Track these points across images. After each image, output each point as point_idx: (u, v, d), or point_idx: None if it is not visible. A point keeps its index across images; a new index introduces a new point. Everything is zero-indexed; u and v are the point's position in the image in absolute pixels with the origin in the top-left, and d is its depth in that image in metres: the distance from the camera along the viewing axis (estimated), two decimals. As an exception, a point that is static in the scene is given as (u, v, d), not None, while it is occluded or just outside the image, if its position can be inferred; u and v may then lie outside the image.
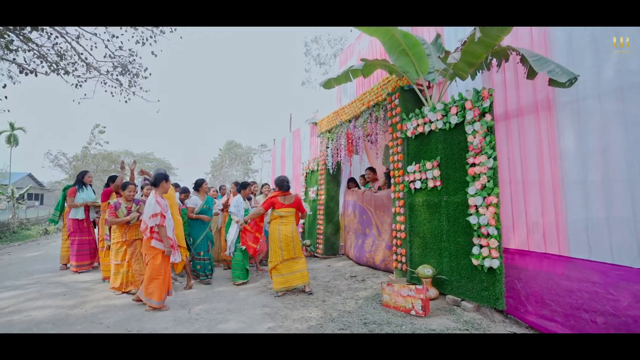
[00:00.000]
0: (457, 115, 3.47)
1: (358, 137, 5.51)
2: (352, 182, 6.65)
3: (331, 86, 4.84)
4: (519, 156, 3.20)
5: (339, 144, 6.23)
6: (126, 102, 11.07)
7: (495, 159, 3.07)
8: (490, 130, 3.13)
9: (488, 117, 3.14)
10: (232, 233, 4.71)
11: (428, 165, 3.82)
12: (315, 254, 6.70)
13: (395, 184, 4.46)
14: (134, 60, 10.78)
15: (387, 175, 5.32)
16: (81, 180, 5.59)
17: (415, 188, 4.05)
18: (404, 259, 4.25)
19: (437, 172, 3.69)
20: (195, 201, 4.88)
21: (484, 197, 3.12)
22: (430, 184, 3.78)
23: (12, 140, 33.13)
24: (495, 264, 2.98)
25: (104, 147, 34.07)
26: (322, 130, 7.06)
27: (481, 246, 3.15)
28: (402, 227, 4.28)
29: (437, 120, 3.72)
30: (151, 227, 3.48)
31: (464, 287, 3.33)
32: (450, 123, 3.56)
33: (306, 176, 7.94)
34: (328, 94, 7.39)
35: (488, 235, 3.09)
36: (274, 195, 4.16)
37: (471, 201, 3.23)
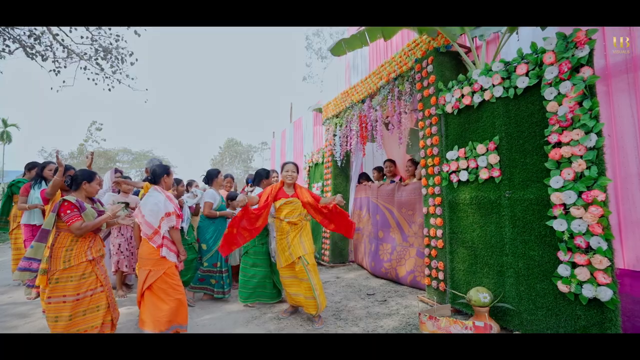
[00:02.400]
0: (527, 75, 2.42)
1: (374, 120, 4.47)
2: (364, 177, 5.62)
3: (341, 52, 3.80)
4: (631, 132, 2.16)
5: (348, 130, 5.19)
6: (110, 90, 10.08)
7: (600, 134, 2.03)
8: (590, 91, 2.08)
9: (586, 71, 2.09)
10: (273, 241, 3.64)
11: (480, 148, 2.77)
12: (321, 262, 5.67)
13: (428, 175, 3.42)
14: (117, 44, 9.77)
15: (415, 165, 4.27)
16: (40, 175, 4.45)
17: (458, 180, 3.01)
18: (440, 275, 3.22)
19: (494, 158, 2.65)
20: (213, 195, 3.83)
21: (580, 192, 2.08)
22: (484, 175, 2.74)
23: (4, 137, 32.18)
24: (606, 294, 1.94)
25: (101, 144, 33.16)
26: (328, 116, 6.01)
27: (574, 265, 2.11)
28: (439, 232, 3.24)
29: (494, 86, 2.68)
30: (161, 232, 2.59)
31: (542, 322, 2.29)
32: (515, 88, 2.51)
33: (309, 170, 6.91)
34: (334, 74, 6.33)
35: (588, 250, 2.05)
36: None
37: (555, 198, 2.19)
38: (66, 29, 8.69)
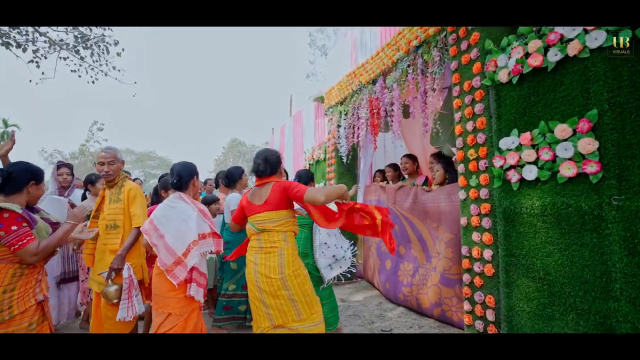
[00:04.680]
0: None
1: (389, 104, 3.51)
2: (379, 175, 4.67)
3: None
4: None
5: (355, 118, 4.24)
6: (93, 82, 9.25)
7: None
8: None
9: None
10: (327, 250, 2.81)
11: (560, 131, 1.81)
12: (323, 278, 4.71)
13: (469, 173, 2.46)
14: (101, 32, 8.93)
15: (448, 164, 3.28)
16: None
17: (520, 179, 2.05)
18: (490, 315, 2.26)
19: (589, 144, 1.68)
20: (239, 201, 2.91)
21: None
22: (567, 171, 1.78)
23: (5, 138, 31.68)
24: None
25: (102, 144, 32.57)
26: (330, 104, 5.08)
27: None
28: (487, 253, 2.28)
29: (587, 32, 1.72)
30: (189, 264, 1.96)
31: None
32: (633, 31, 1.56)
33: (310, 169, 5.98)
34: (338, 56, 5.38)
35: None
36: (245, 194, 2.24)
37: None
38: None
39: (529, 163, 1.99)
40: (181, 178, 2.09)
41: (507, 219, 2.13)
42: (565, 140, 1.80)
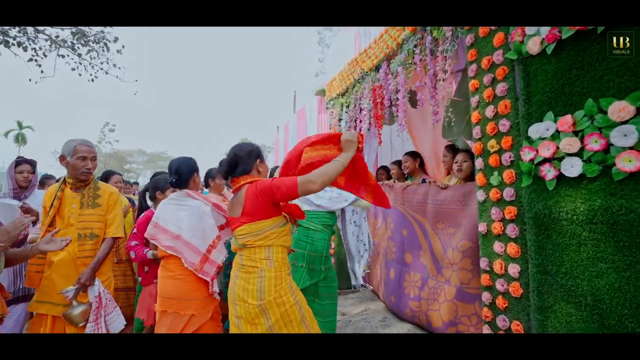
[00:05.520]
0: None
1: (394, 91, 3.08)
2: (383, 172, 4.25)
3: None
4: None
5: (357, 110, 3.81)
6: (92, 80, 9.06)
7: None
8: None
9: None
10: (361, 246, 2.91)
11: (617, 110, 1.36)
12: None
13: (489, 169, 2.01)
14: (101, 31, 8.72)
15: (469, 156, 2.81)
16: None
17: (558, 176, 1.59)
18: (517, 345, 1.81)
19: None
20: None
21: None
22: (628, 165, 1.32)
23: (20, 139, 32.33)
24: None
25: (113, 145, 32.90)
26: (332, 96, 4.67)
27: None
28: (513, 269, 1.84)
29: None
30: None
31: None
32: None
33: (311, 167, 5.58)
34: (342, 44, 4.96)
35: None
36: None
37: None
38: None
39: (570, 155, 1.53)
40: (181, 175, 2.01)
41: (539, 226, 1.68)
42: (625, 122, 1.35)
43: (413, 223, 3.05)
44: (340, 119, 4.32)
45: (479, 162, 2.09)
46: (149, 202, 2.86)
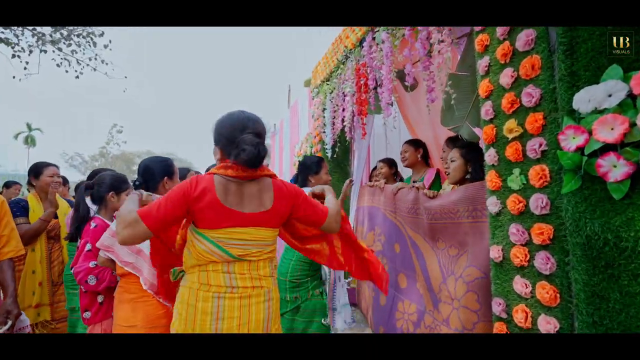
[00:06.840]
0: None
1: (379, 67, 2.39)
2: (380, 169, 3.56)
3: None
4: None
5: (341, 96, 3.14)
6: (77, 77, 8.62)
7: None
8: None
9: None
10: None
11: None
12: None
13: (505, 164, 1.33)
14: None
15: (471, 151, 2.07)
16: None
17: (634, 173, 0.91)
18: None
19: None
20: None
21: None
22: None
23: (29, 142, 32.63)
24: None
25: (121, 147, 32.88)
26: (316, 84, 4.02)
27: None
28: (550, 324, 1.15)
29: None
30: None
31: None
32: None
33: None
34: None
35: None
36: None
37: None
38: None
39: (658, 137, 0.85)
40: (149, 178, 1.70)
41: (595, 259, 1.00)
42: None
43: (406, 238, 2.36)
44: (324, 109, 3.66)
45: (490, 156, 1.40)
46: (91, 206, 2.22)
